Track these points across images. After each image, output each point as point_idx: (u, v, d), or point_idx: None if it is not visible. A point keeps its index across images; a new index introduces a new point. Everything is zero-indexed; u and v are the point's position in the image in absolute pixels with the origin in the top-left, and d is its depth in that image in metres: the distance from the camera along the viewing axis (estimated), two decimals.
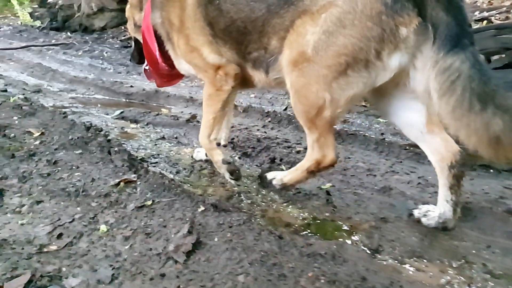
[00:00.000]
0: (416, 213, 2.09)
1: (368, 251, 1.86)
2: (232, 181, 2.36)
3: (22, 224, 1.95)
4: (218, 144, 2.86)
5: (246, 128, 3.51)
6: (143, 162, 2.56)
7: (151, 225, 1.82)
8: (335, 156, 1.99)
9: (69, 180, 2.27)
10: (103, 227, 1.84)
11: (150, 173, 2.24)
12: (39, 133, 2.83)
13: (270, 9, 1.89)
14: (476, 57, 1.56)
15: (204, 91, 2.37)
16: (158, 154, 3.02)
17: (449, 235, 1.95)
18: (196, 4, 2.14)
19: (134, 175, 2.21)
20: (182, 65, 2.45)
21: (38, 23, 12.46)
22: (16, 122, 3.03)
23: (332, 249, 1.80)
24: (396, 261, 1.76)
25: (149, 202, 2.00)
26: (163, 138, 3.37)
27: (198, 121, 3.69)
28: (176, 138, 3.39)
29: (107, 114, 4.18)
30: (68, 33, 10.96)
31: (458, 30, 1.57)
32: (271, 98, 4.84)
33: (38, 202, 2.12)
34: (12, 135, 2.85)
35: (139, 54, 2.74)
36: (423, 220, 2.03)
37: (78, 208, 2.03)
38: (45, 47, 9.50)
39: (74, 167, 2.39)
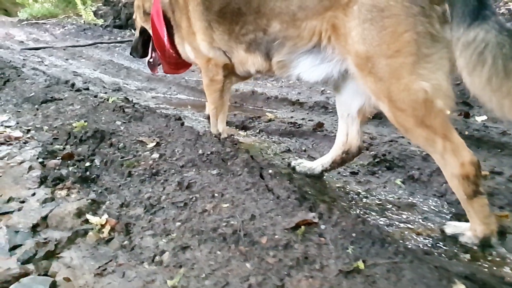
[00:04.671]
0: None
1: None
2: None
3: (173, 287, 1.32)
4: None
5: (393, 141, 2.75)
6: (315, 192, 1.88)
7: None
8: (471, 154, 1.56)
9: (217, 214, 1.64)
10: None
11: (336, 212, 1.55)
12: (154, 144, 2.24)
13: None
14: (501, 24, 1.42)
15: (203, 82, 2.48)
16: (270, 165, 2.34)
17: None
18: None
19: (313, 214, 1.53)
20: (185, 48, 2.46)
21: (101, 21, 12.45)
22: (122, 128, 2.47)
23: None
24: None
25: (361, 265, 1.30)
26: (288, 150, 2.70)
27: (326, 130, 2.99)
28: (304, 151, 2.70)
29: (207, 118, 3.59)
30: (132, 31, 10.78)
31: (476, 4, 1.44)
32: None
33: (184, 248, 1.49)
34: (121, 145, 2.29)
35: (143, 46, 2.74)
36: None
37: (248, 265, 1.37)
38: (112, 44, 9.30)
39: (217, 195, 1.75)
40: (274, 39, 1.90)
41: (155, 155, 2.13)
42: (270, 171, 1.81)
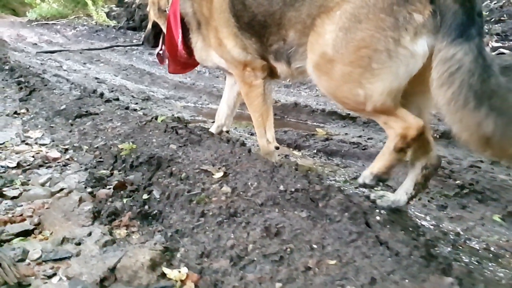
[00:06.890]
0: None
1: None
2: None
3: None
4: None
5: (474, 167, 2.47)
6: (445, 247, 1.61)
7: None
8: (418, 120, 1.70)
9: (325, 274, 1.36)
10: None
11: (478, 277, 1.28)
12: (221, 174, 1.98)
13: (286, 2, 1.93)
14: (480, 50, 1.47)
15: (241, 92, 2.44)
16: (375, 208, 2.08)
17: None
18: None
19: (450, 280, 1.26)
20: (213, 57, 2.48)
21: (113, 22, 12.21)
22: (179, 153, 2.20)
23: None
24: None
25: None
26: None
27: None
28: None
29: (252, 134, 3.32)
30: None
31: (465, 19, 1.48)
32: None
33: None
34: (184, 175, 2.02)
35: (154, 37, 2.82)
36: None
37: None
38: (128, 47, 9.05)
39: (315, 246, 1.48)
40: (291, 47, 2.03)
41: (226, 189, 1.86)
42: (377, 217, 1.54)
